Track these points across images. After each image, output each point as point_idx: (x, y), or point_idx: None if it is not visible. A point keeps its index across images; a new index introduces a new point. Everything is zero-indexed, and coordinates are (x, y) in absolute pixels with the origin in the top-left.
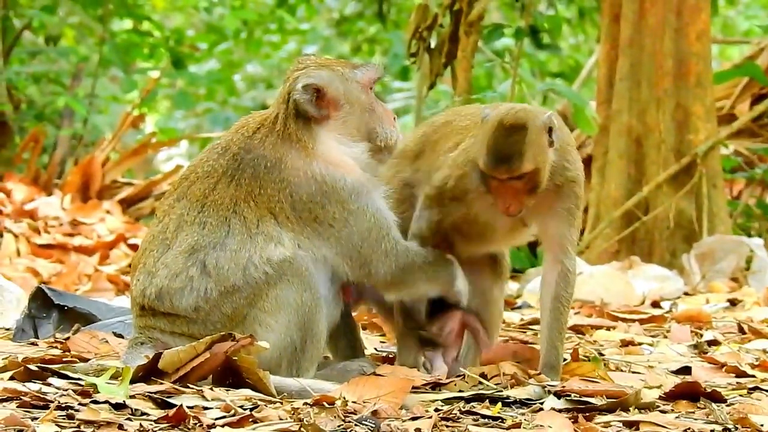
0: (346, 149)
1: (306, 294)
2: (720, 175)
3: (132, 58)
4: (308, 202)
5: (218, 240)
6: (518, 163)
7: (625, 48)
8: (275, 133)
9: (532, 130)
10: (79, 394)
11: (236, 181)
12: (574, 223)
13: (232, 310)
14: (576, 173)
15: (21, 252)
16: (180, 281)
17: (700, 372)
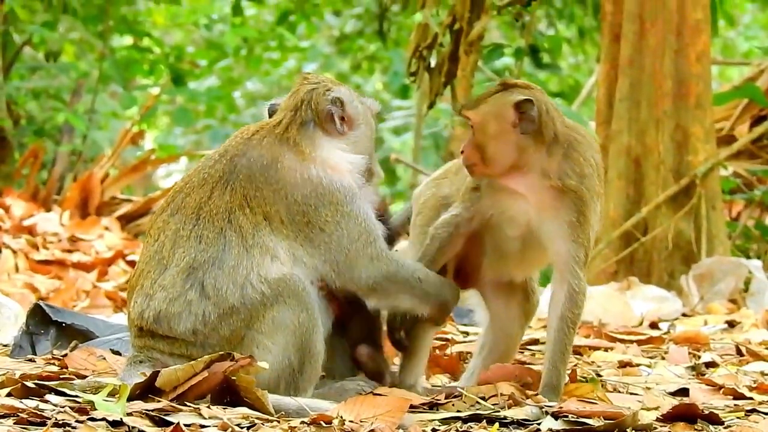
0: (346, 157)
1: (303, 314)
2: (719, 197)
3: (132, 74)
4: (302, 203)
5: (216, 255)
6: (472, 106)
7: (625, 68)
8: (274, 135)
9: (504, 96)
10: (76, 411)
11: (231, 186)
12: (579, 240)
13: (230, 333)
14: (580, 187)
15: (19, 268)
16: (178, 305)
17: (697, 394)
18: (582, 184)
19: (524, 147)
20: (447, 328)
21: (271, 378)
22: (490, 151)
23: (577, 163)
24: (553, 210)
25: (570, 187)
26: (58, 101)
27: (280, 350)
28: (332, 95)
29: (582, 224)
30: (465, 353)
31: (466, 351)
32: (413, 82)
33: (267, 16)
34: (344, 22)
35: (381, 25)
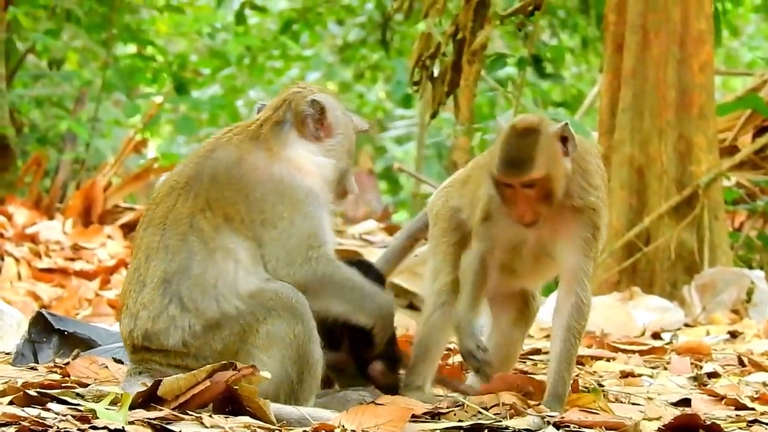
0: (315, 160)
1: (298, 326)
2: (722, 207)
3: (135, 82)
4: (261, 200)
5: (184, 264)
6: (529, 167)
7: (628, 78)
8: (244, 133)
9: (543, 134)
10: (78, 420)
11: (195, 191)
12: (590, 254)
13: (222, 346)
14: (597, 201)
15: (22, 276)
16: (162, 322)
17: (699, 404)
18: (599, 198)
19: (567, 172)
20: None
21: (270, 391)
22: (556, 194)
23: (590, 175)
24: (570, 228)
25: (589, 204)
26: (61, 109)
27: (277, 363)
28: (312, 98)
29: (596, 238)
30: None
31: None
32: (416, 91)
33: (270, 24)
34: (347, 31)
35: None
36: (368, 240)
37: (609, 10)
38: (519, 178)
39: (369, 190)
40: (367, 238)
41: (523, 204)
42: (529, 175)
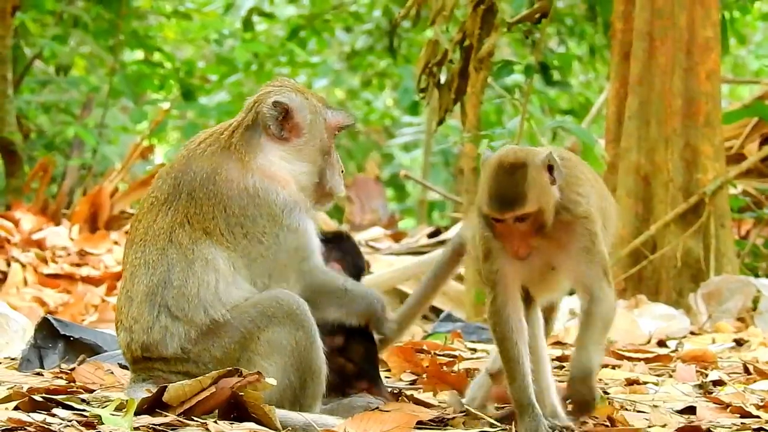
0: (288, 166)
1: (299, 333)
2: (728, 215)
3: (142, 88)
4: (240, 215)
5: (164, 277)
6: (521, 204)
7: (635, 86)
8: (218, 142)
9: (532, 168)
10: (83, 425)
11: (174, 207)
12: (594, 259)
13: (222, 353)
14: (587, 209)
15: (28, 281)
16: (157, 332)
17: (704, 412)
18: (589, 205)
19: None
20: (455, 345)
21: (273, 398)
22: (547, 224)
23: (576, 184)
24: (566, 242)
25: (580, 214)
26: (68, 115)
27: (278, 371)
28: (273, 99)
29: (594, 243)
30: (473, 370)
31: (473, 368)
32: (423, 98)
33: (278, 31)
34: (355, 38)
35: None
36: (374, 247)
37: (616, 17)
38: (511, 213)
39: (375, 197)
40: (373, 245)
41: (516, 239)
42: (522, 210)
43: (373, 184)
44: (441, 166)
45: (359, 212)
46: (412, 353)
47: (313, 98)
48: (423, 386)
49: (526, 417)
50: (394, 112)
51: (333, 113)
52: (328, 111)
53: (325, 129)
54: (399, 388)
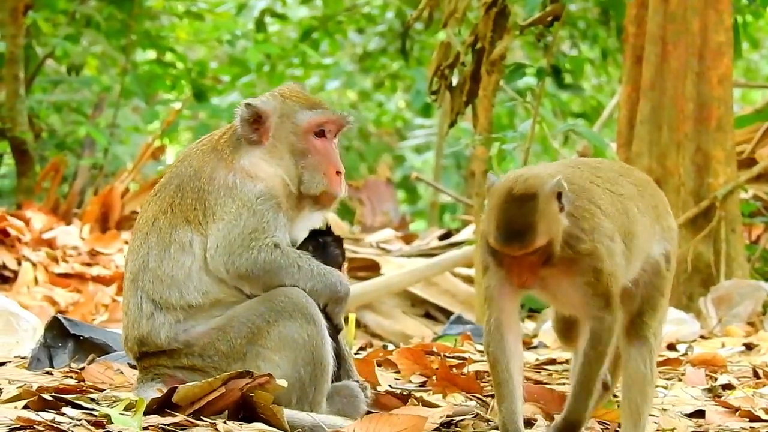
0: (268, 168)
1: (311, 328)
2: (739, 220)
3: (154, 89)
4: (214, 204)
5: (143, 260)
6: (531, 238)
7: (647, 91)
8: (210, 143)
9: (542, 198)
10: (92, 425)
11: (161, 196)
12: (597, 291)
13: (228, 347)
14: (590, 246)
15: (39, 281)
16: (145, 324)
17: (713, 416)
18: (594, 241)
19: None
20: (464, 347)
21: (282, 393)
22: (556, 253)
23: (580, 219)
24: (569, 275)
25: (582, 252)
26: (79, 115)
27: (289, 365)
28: (245, 102)
29: (599, 279)
30: (482, 372)
31: (483, 370)
32: (435, 100)
33: (290, 32)
34: (367, 40)
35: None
36: (385, 248)
37: (629, 21)
38: (522, 250)
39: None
40: (384, 247)
41: (525, 270)
42: (533, 245)
43: (384, 186)
44: (452, 169)
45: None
46: (421, 355)
47: (293, 101)
48: (433, 388)
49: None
50: (406, 114)
51: (304, 114)
52: (300, 113)
53: (293, 131)
54: (408, 389)
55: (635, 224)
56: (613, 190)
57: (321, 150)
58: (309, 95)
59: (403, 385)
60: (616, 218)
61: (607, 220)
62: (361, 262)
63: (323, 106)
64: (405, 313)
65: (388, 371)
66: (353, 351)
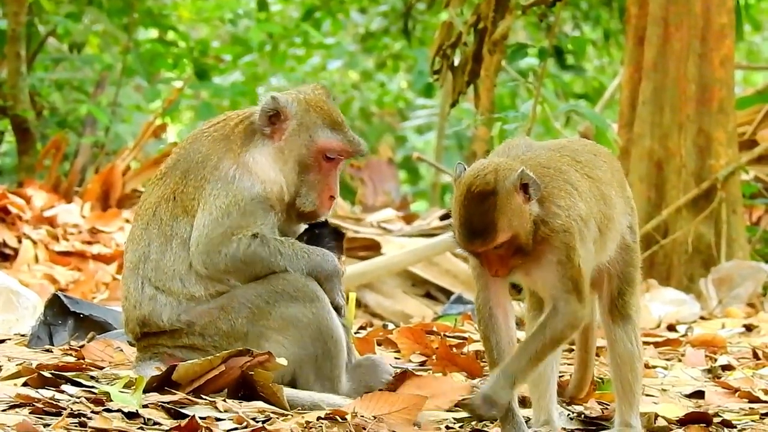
0: (271, 173)
1: (315, 305)
2: (740, 201)
3: (156, 67)
4: (208, 195)
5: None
6: (491, 237)
7: (649, 72)
8: (224, 129)
9: (501, 192)
10: (92, 402)
11: (166, 181)
12: (566, 273)
13: (229, 327)
14: (565, 222)
15: (39, 259)
16: (146, 305)
17: (713, 397)
18: (569, 217)
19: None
20: (464, 327)
21: (294, 371)
22: (527, 244)
23: (557, 195)
24: (541, 254)
25: (557, 228)
26: (81, 93)
27: (296, 344)
28: (271, 95)
29: (570, 258)
30: (481, 352)
31: (482, 350)
32: (436, 80)
33: (292, 12)
34: (370, 20)
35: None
36: (386, 228)
37: (631, 2)
38: (483, 247)
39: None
40: (385, 227)
41: (495, 262)
42: (493, 243)
43: (386, 167)
44: (454, 149)
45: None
46: (422, 335)
47: (316, 114)
48: (433, 368)
49: (506, 424)
50: (408, 95)
51: (325, 134)
52: (323, 130)
53: (306, 145)
54: (408, 369)
55: (612, 208)
56: (592, 176)
57: (325, 172)
58: (332, 109)
59: (403, 364)
60: (593, 205)
61: (584, 203)
62: (362, 242)
63: (343, 130)
64: (405, 293)
65: (388, 350)
66: (354, 330)
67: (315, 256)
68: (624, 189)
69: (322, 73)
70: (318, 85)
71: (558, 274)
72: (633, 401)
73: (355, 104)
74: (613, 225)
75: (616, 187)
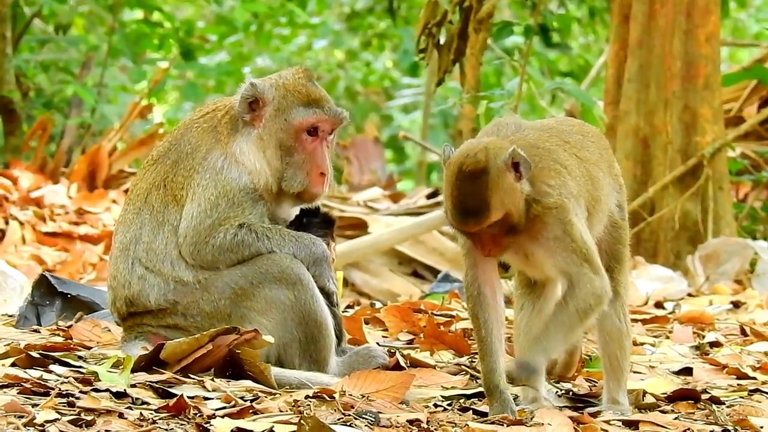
0: (257, 163)
1: (298, 287)
2: (726, 178)
3: (142, 48)
4: (197, 185)
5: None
6: (485, 214)
7: (634, 49)
8: (212, 120)
9: (493, 171)
10: (80, 382)
11: (159, 167)
12: (567, 247)
13: (212, 308)
14: (557, 199)
15: (26, 239)
16: (135, 284)
17: (701, 373)
18: (561, 195)
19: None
20: (452, 305)
21: (278, 354)
22: (519, 222)
23: (547, 175)
24: (538, 232)
25: (550, 205)
26: (67, 74)
27: (278, 326)
28: (250, 82)
29: (568, 232)
30: (469, 330)
31: (469, 328)
32: (422, 59)
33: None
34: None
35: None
36: (372, 207)
37: None
38: (477, 226)
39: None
40: (371, 206)
41: (487, 242)
42: (487, 220)
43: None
44: (440, 128)
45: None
46: (409, 313)
47: (293, 96)
48: (420, 346)
49: (494, 401)
50: (394, 74)
51: (300, 113)
52: (296, 110)
53: (283, 128)
54: (396, 347)
55: (600, 189)
56: (580, 156)
57: (309, 150)
58: (311, 89)
59: (391, 342)
60: (582, 184)
61: (573, 182)
62: (349, 221)
63: (320, 104)
64: (392, 272)
65: (376, 329)
66: (341, 309)
67: (303, 241)
68: (612, 168)
69: (307, 52)
70: (300, 68)
71: (561, 250)
72: (621, 378)
73: (340, 84)
74: (600, 206)
75: (604, 167)
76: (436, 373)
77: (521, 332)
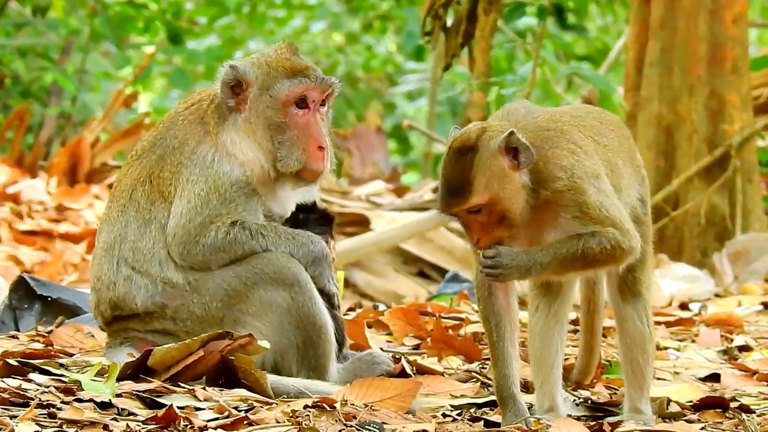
0: (249, 152)
1: (295, 290)
2: (756, 169)
3: (126, 32)
4: (186, 180)
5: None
6: (466, 194)
7: (656, 31)
8: (198, 111)
9: (482, 152)
10: (61, 392)
11: (144, 162)
12: (589, 222)
13: (203, 311)
14: (571, 181)
15: (2, 239)
16: (122, 286)
17: (729, 379)
18: (573, 177)
19: (525, 181)
20: (461, 307)
21: (275, 359)
22: (511, 215)
23: (556, 157)
24: (554, 219)
25: (560, 188)
26: (46, 60)
27: (275, 331)
28: (229, 64)
29: (588, 210)
30: (480, 334)
31: (480, 332)
32: (428, 42)
33: None
34: None
35: None
36: (375, 202)
37: None
38: (458, 206)
39: (377, 149)
40: (374, 200)
41: (476, 230)
42: (468, 202)
43: (374, 136)
44: (447, 116)
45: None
46: (415, 316)
47: (276, 72)
48: (427, 351)
49: (507, 411)
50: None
51: (284, 85)
52: (280, 83)
53: (269, 105)
54: (401, 353)
55: (620, 179)
56: (598, 141)
57: (301, 124)
58: (296, 61)
59: (396, 347)
60: (599, 165)
61: (590, 160)
62: (350, 217)
63: (305, 73)
64: (397, 272)
65: (380, 333)
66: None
67: (301, 238)
68: (633, 158)
69: (304, 35)
70: (282, 44)
71: (578, 227)
72: (643, 385)
73: (340, 69)
74: (620, 196)
75: (625, 157)
76: (444, 381)
77: (536, 336)
